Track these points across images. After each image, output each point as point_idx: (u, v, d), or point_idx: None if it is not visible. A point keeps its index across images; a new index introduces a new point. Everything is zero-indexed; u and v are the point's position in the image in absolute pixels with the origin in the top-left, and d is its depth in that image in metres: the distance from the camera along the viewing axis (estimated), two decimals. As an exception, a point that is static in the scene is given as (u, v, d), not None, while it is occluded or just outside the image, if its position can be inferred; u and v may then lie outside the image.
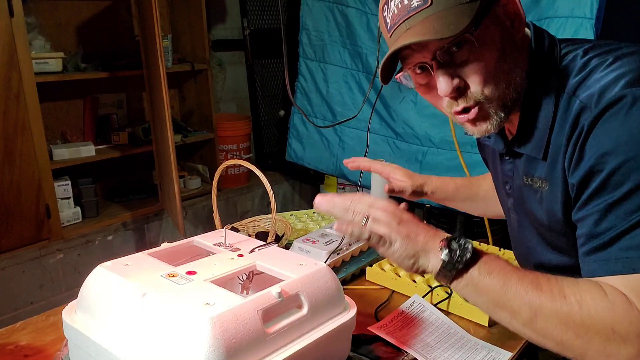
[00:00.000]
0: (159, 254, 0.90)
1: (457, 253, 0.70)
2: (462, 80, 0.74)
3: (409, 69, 0.78)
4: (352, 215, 0.74)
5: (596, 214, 0.68)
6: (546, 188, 0.79)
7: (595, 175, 0.68)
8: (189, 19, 2.84)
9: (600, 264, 0.68)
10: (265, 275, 0.87)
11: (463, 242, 0.71)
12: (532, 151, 0.80)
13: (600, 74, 0.71)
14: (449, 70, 0.73)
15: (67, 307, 0.83)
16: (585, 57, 0.74)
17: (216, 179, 1.20)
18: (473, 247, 0.71)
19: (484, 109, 0.75)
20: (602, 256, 0.68)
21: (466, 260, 0.70)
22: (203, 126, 2.99)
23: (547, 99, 0.76)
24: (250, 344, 0.69)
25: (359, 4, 2.58)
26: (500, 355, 0.94)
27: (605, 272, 0.67)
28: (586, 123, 0.68)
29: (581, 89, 0.72)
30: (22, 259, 2.20)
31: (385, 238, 0.72)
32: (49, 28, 2.45)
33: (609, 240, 0.67)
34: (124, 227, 2.58)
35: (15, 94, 2.03)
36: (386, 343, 0.96)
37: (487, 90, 0.74)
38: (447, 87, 0.73)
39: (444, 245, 0.71)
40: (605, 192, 0.67)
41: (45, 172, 2.18)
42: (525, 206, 0.87)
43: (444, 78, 0.73)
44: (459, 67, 0.73)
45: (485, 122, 0.77)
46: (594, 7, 1.80)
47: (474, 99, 0.74)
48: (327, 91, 2.81)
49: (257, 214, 1.85)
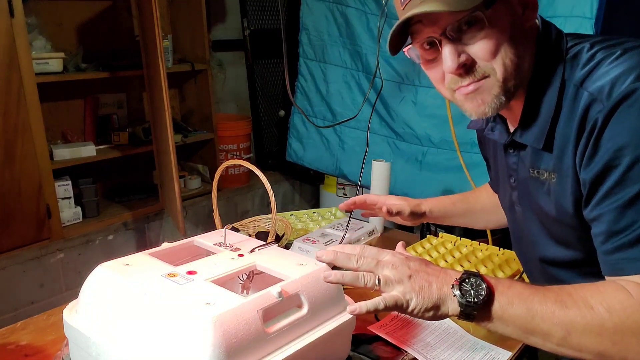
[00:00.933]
0: (159, 254, 0.91)
1: (471, 294, 0.69)
2: (470, 58, 0.74)
3: (417, 43, 0.77)
4: (362, 280, 0.72)
5: (615, 211, 0.68)
6: (554, 180, 0.78)
7: (612, 171, 0.67)
8: (189, 19, 2.84)
9: (629, 262, 0.67)
10: (265, 275, 0.87)
11: (474, 280, 0.70)
12: (534, 141, 0.79)
13: (608, 66, 0.71)
14: (457, 47, 0.73)
15: (68, 306, 0.84)
16: (592, 50, 0.74)
17: (216, 179, 1.20)
18: (485, 281, 0.70)
19: (488, 84, 0.75)
20: (629, 254, 0.67)
21: (483, 298, 0.69)
22: (203, 126, 2.99)
23: (551, 90, 0.76)
24: (251, 343, 0.69)
25: (359, 4, 2.58)
26: (499, 354, 0.94)
27: (636, 270, 0.67)
28: (600, 117, 0.68)
29: (588, 80, 0.72)
30: (23, 258, 2.20)
31: (401, 300, 0.71)
32: (49, 28, 2.45)
33: (634, 238, 0.66)
34: (125, 227, 2.59)
35: (16, 95, 2.03)
36: (386, 343, 0.96)
37: (495, 65, 0.73)
38: (453, 62, 0.73)
39: (457, 289, 0.70)
40: (623, 187, 0.67)
41: (46, 172, 2.18)
42: (531, 199, 0.86)
43: (451, 54, 0.73)
44: (467, 45, 0.73)
45: (484, 100, 0.76)
46: (594, 6, 1.80)
47: (481, 73, 0.74)
48: (327, 91, 2.81)
49: (257, 214, 1.85)
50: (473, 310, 0.69)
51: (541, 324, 0.67)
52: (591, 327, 0.65)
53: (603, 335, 0.65)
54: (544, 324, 0.67)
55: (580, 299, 0.67)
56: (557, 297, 0.68)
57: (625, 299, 0.65)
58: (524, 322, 0.69)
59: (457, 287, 0.70)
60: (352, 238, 1.23)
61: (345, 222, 1.26)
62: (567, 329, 0.66)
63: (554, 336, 0.67)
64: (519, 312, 0.69)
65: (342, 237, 1.15)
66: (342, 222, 1.32)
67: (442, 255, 1.32)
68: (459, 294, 0.69)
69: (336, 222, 1.32)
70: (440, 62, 0.76)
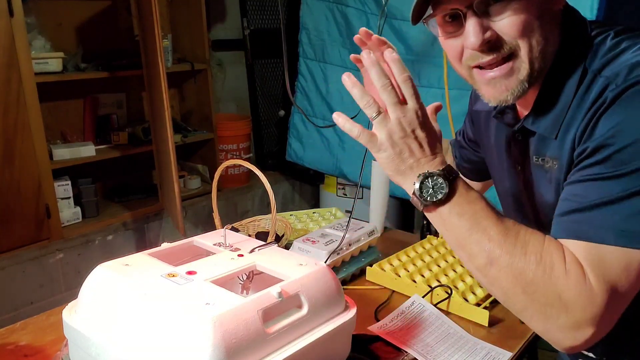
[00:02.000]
0: (159, 254, 0.90)
1: (428, 191, 0.71)
2: (495, 34, 0.71)
3: (440, 15, 0.74)
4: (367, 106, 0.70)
5: (589, 182, 0.67)
6: (555, 167, 0.77)
7: (604, 148, 0.66)
8: (188, 19, 2.84)
9: (571, 225, 0.68)
10: (265, 275, 0.87)
11: (440, 182, 0.70)
12: (547, 130, 0.77)
13: (630, 54, 0.69)
14: (483, 21, 0.70)
15: (67, 307, 0.83)
16: (617, 38, 0.72)
17: (216, 178, 1.20)
18: (449, 187, 0.70)
19: (515, 67, 0.72)
20: (578, 218, 0.67)
21: (437, 200, 0.70)
22: (203, 126, 2.99)
23: (572, 78, 0.74)
24: (251, 344, 0.69)
25: (359, 4, 2.58)
26: (500, 355, 0.94)
27: (574, 234, 0.67)
28: (610, 95, 0.67)
29: (608, 68, 0.70)
30: (22, 258, 2.20)
31: (376, 146, 0.71)
32: (49, 28, 2.45)
33: (592, 206, 0.66)
34: (124, 227, 2.58)
35: (15, 94, 2.03)
36: (386, 343, 0.96)
37: (522, 44, 0.71)
38: (478, 38, 0.70)
39: (420, 181, 0.71)
40: (607, 165, 0.66)
41: (45, 172, 2.18)
42: (534, 188, 0.85)
43: (476, 28, 0.70)
44: (494, 21, 0.70)
45: (509, 87, 0.74)
46: (594, 7, 1.80)
47: (508, 49, 0.71)
48: (327, 91, 2.81)
49: (257, 214, 1.85)
50: (422, 203, 0.72)
51: (473, 245, 0.70)
52: (512, 268, 0.67)
53: (519, 279, 0.67)
54: (475, 246, 0.70)
55: (522, 241, 0.68)
56: (504, 231, 0.69)
57: (558, 261, 0.66)
58: (460, 236, 0.71)
59: (422, 177, 0.71)
60: (352, 238, 1.23)
61: (345, 222, 1.26)
62: (492, 259, 0.68)
63: (478, 260, 0.70)
64: (461, 225, 0.71)
65: (342, 237, 1.15)
66: (342, 222, 1.32)
67: (443, 255, 1.32)
68: (417, 187, 0.71)
69: (336, 222, 1.32)
70: (460, 36, 0.73)
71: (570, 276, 0.65)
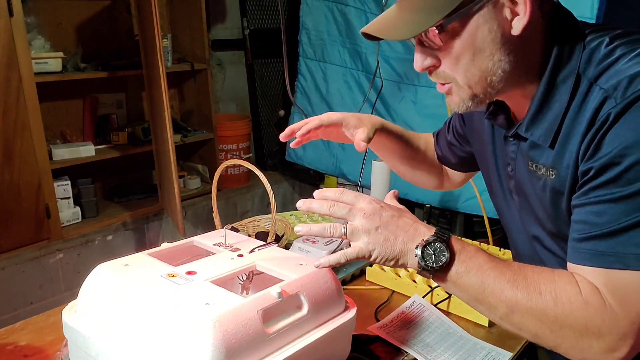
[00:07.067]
0: (158, 254, 0.90)
1: (431, 259, 0.72)
2: (438, 61, 0.75)
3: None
4: (328, 231, 0.75)
5: (600, 204, 0.68)
6: (552, 176, 0.77)
7: (611, 168, 0.67)
8: (188, 19, 2.84)
9: (593, 255, 0.68)
10: (265, 275, 0.87)
11: (438, 245, 0.72)
12: (540, 138, 0.77)
13: (627, 63, 0.68)
14: (425, 50, 0.75)
15: (67, 307, 0.83)
16: (612, 45, 0.72)
17: (216, 178, 1.19)
18: (449, 250, 0.72)
19: (454, 88, 0.77)
20: (595, 246, 0.68)
21: (442, 264, 0.72)
22: (203, 126, 2.99)
23: (565, 85, 0.73)
24: (251, 344, 0.69)
25: (359, 4, 2.58)
26: (500, 355, 0.94)
27: (596, 263, 0.68)
28: (613, 112, 0.66)
29: (604, 77, 0.70)
30: (22, 259, 2.20)
31: (363, 251, 0.74)
32: (48, 28, 2.45)
33: (609, 232, 0.67)
34: (124, 227, 2.58)
35: (15, 94, 2.03)
36: (386, 343, 0.96)
37: (458, 76, 0.74)
38: (418, 65, 0.76)
39: (420, 250, 0.72)
40: (616, 185, 0.66)
41: (45, 172, 2.18)
42: (527, 192, 0.85)
43: (418, 56, 0.76)
44: (434, 49, 0.74)
45: (453, 101, 0.78)
46: (594, 7, 1.80)
47: (443, 78, 0.76)
48: (327, 91, 2.80)
49: (257, 214, 1.85)
50: (430, 272, 0.73)
51: (490, 297, 0.71)
52: (533, 311, 0.69)
53: (543, 321, 0.69)
54: (492, 298, 0.71)
55: (533, 283, 0.70)
56: (513, 277, 0.71)
57: (574, 294, 0.68)
58: (475, 292, 0.73)
59: (420, 248, 0.72)
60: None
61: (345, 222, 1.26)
62: (512, 307, 0.70)
63: (499, 311, 0.72)
64: (473, 282, 0.72)
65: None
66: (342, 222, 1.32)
67: (442, 255, 1.31)
68: (419, 256, 0.72)
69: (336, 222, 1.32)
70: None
71: (590, 306, 0.67)
